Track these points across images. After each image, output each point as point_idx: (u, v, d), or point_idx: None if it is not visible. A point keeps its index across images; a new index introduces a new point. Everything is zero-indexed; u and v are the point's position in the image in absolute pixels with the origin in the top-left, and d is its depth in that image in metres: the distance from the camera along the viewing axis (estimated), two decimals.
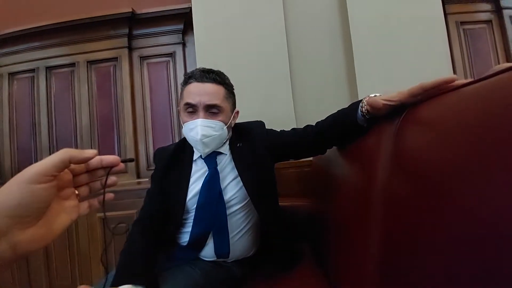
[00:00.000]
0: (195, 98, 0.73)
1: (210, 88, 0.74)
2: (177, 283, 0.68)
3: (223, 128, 0.76)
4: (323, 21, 1.51)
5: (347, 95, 1.49)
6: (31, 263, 1.43)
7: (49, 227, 0.29)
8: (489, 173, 0.28)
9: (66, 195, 0.33)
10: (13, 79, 1.81)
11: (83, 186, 0.35)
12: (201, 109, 0.74)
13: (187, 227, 0.80)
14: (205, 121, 0.73)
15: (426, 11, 1.38)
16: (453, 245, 0.31)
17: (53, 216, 0.30)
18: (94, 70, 1.76)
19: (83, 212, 0.34)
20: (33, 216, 0.28)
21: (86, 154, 0.31)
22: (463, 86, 0.39)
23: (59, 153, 0.29)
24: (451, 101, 0.40)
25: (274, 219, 0.82)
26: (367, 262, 0.52)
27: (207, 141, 0.74)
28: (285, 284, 0.78)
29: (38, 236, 0.28)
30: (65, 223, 0.31)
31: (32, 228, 0.27)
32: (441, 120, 0.40)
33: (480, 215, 0.28)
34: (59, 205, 0.31)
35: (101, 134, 1.73)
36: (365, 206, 0.56)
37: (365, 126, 0.64)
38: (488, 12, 1.65)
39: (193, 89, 0.74)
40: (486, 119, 0.31)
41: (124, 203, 1.31)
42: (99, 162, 0.35)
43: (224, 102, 0.77)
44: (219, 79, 0.76)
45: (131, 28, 1.72)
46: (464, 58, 1.60)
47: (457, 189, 0.32)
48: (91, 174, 0.35)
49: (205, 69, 0.77)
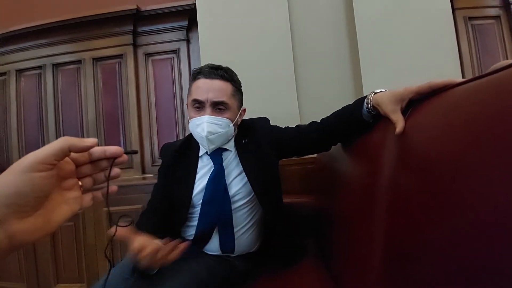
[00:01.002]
0: (202, 95, 0.74)
1: (217, 84, 0.75)
2: (182, 276, 0.69)
3: (229, 125, 0.77)
4: (328, 16, 1.50)
5: (352, 92, 1.48)
6: (38, 255, 1.46)
7: (47, 218, 0.28)
8: (494, 170, 0.28)
9: (69, 186, 0.32)
10: (20, 76, 1.84)
11: (86, 177, 0.34)
12: (208, 106, 0.74)
13: (193, 222, 0.81)
14: (211, 118, 0.73)
15: (433, 5, 1.35)
16: (458, 242, 0.32)
17: (53, 207, 0.29)
18: (100, 67, 1.78)
19: (86, 204, 0.33)
20: (31, 205, 0.27)
21: (86, 143, 0.30)
22: (467, 82, 0.39)
23: (58, 141, 0.28)
24: (456, 98, 0.40)
25: (278, 215, 0.83)
26: (371, 258, 0.52)
27: (213, 138, 0.74)
28: (289, 280, 0.78)
29: (35, 227, 0.27)
30: (66, 214, 0.30)
31: (29, 218, 0.27)
32: (446, 116, 0.40)
33: (485, 211, 0.28)
34: (60, 196, 0.30)
35: (107, 129, 1.75)
36: (370, 203, 0.56)
37: (370, 122, 0.64)
38: (497, 7, 1.62)
39: (201, 85, 0.75)
40: (488, 115, 0.31)
41: (129, 198, 1.33)
42: (103, 153, 0.34)
43: (231, 99, 0.77)
44: (227, 75, 0.76)
45: (135, 25, 1.72)
46: (472, 54, 1.57)
47: (462, 185, 0.32)
48: (94, 165, 0.34)
49: (214, 66, 0.78)
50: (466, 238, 0.30)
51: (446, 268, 0.33)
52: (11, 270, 1.50)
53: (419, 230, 0.39)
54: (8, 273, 1.50)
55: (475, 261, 0.29)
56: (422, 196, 0.39)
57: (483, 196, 0.29)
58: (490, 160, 0.29)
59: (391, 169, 0.50)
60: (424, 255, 0.38)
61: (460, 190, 0.32)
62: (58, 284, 1.45)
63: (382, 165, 0.54)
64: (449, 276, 0.33)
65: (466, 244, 0.30)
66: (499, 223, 0.26)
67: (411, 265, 0.41)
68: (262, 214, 0.85)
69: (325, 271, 0.81)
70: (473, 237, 0.29)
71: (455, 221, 0.32)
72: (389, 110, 0.53)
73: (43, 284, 1.46)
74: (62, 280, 1.45)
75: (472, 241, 0.29)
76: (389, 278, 0.47)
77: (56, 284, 1.45)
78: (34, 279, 1.47)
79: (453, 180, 0.33)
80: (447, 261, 0.33)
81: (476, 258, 0.29)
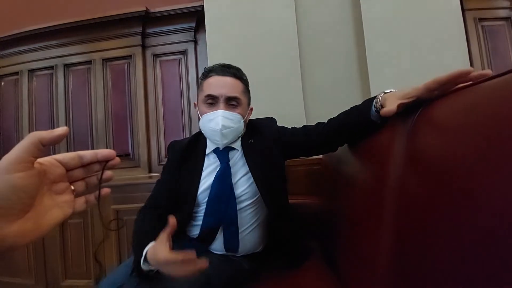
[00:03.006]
0: (216, 90, 0.76)
1: (230, 81, 0.77)
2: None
3: (240, 121, 0.78)
4: (335, 17, 1.50)
5: (359, 92, 1.47)
6: (47, 251, 1.49)
7: (38, 221, 0.28)
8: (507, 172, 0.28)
9: (60, 190, 0.32)
10: (32, 76, 1.88)
11: (79, 181, 0.34)
12: (222, 101, 0.76)
13: (198, 220, 0.81)
14: (226, 112, 0.75)
15: (443, 6, 1.34)
16: (467, 244, 0.31)
17: (44, 210, 0.29)
18: (109, 67, 1.81)
19: (79, 208, 0.33)
20: (17, 208, 0.26)
21: (56, 132, 0.29)
22: (478, 83, 0.38)
23: (27, 138, 0.27)
24: (465, 99, 0.39)
25: (283, 216, 0.83)
26: (378, 260, 0.52)
27: (226, 132, 0.76)
28: (293, 280, 0.78)
29: (26, 229, 0.27)
30: (58, 218, 0.30)
31: (19, 221, 0.26)
32: (455, 118, 0.39)
33: (494, 214, 0.28)
34: (52, 199, 0.30)
35: (115, 129, 1.78)
36: (377, 204, 0.55)
37: (378, 123, 0.63)
38: (507, 9, 1.59)
39: (214, 81, 0.77)
40: (499, 117, 0.30)
41: (135, 197, 1.35)
42: (94, 156, 0.34)
43: (243, 96, 0.79)
44: (238, 74, 0.80)
45: (144, 26, 1.75)
46: (483, 56, 1.55)
47: (470, 188, 0.32)
48: (86, 169, 0.34)
49: (225, 64, 0.81)
50: (477, 241, 0.30)
51: (456, 271, 0.33)
52: (19, 266, 1.53)
53: (428, 232, 0.39)
54: (17, 269, 1.53)
55: (485, 264, 0.29)
56: (432, 198, 0.39)
57: (496, 199, 0.28)
58: (503, 162, 0.28)
59: (399, 169, 0.50)
60: (432, 258, 0.37)
61: (472, 193, 0.32)
62: (66, 279, 1.47)
63: (390, 166, 0.53)
64: (458, 279, 0.33)
65: (477, 247, 0.30)
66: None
67: (419, 267, 0.40)
68: (267, 215, 0.85)
69: (330, 272, 0.80)
70: (484, 240, 0.29)
71: (466, 224, 0.32)
72: (390, 103, 0.54)
73: (51, 279, 1.48)
74: (70, 276, 1.47)
75: (483, 244, 0.29)
76: (396, 280, 0.46)
77: (64, 280, 1.48)
78: (42, 275, 1.49)
79: (465, 183, 0.33)
80: (456, 264, 0.33)
81: (487, 261, 0.29)
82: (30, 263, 1.52)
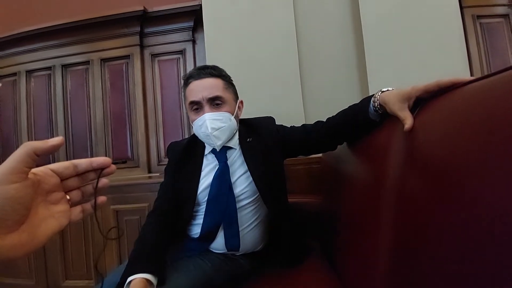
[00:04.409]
0: (197, 95, 0.76)
1: (208, 82, 0.77)
2: (188, 271, 0.70)
3: (230, 118, 0.78)
4: (333, 16, 1.49)
5: (358, 92, 1.47)
6: (47, 252, 1.49)
7: (33, 233, 0.27)
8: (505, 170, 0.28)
9: (55, 200, 0.31)
10: (30, 77, 1.88)
11: (74, 191, 0.33)
12: (205, 104, 0.76)
13: (198, 220, 0.82)
14: (211, 114, 0.75)
15: (441, 4, 1.33)
16: (466, 243, 0.31)
17: (39, 221, 0.28)
18: (107, 67, 1.81)
19: (76, 218, 0.32)
20: (12, 219, 0.26)
21: (50, 143, 0.28)
22: (475, 81, 0.38)
23: (21, 148, 0.27)
24: (462, 97, 0.40)
25: (283, 215, 0.83)
26: (377, 258, 0.52)
27: (217, 133, 0.76)
28: (293, 279, 0.78)
29: (21, 242, 0.26)
30: (53, 228, 0.29)
31: (14, 234, 0.26)
32: (455, 115, 0.39)
33: (494, 212, 0.28)
34: (47, 210, 0.30)
35: (114, 129, 1.77)
36: (376, 203, 0.55)
37: (377, 121, 0.63)
38: (505, 6, 1.60)
39: (193, 87, 0.77)
40: (497, 115, 0.30)
41: (135, 197, 1.35)
42: (89, 165, 0.33)
43: (225, 92, 0.79)
44: (215, 72, 0.79)
45: (142, 26, 1.75)
46: (481, 53, 1.55)
47: (470, 186, 0.32)
48: (81, 178, 0.33)
49: (200, 66, 0.81)
50: (475, 239, 0.30)
51: (454, 269, 0.33)
52: (20, 266, 1.53)
53: (427, 230, 0.39)
54: (17, 270, 1.53)
55: (485, 264, 0.29)
56: (430, 196, 0.39)
57: (493, 197, 0.28)
58: (501, 160, 0.28)
59: (398, 168, 0.50)
60: (431, 256, 0.37)
61: (469, 191, 0.32)
62: (67, 280, 1.48)
63: (388, 165, 0.53)
64: (456, 277, 0.33)
65: (475, 245, 0.30)
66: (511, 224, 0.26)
67: (418, 265, 0.40)
68: (267, 213, 0.85)
69: (330, 270, 0.81)
70: (484, 240, 0.29)
71: (464, 222, 0.32)
72: (397, 108, 0.53)
73: (52, 280, 1.48)
74: (71, 276, 1.47)
75: (483, 244, 0.29)
76: (395, 278, 0.47)
77: (64, 281, 1.48)
78: (43, 276, 1.49)
79: (462, 180, 0.33)
80: (455, 262, 0.33)
81: (485, 259, 0.29)
82: (30, 264, 1.52)
